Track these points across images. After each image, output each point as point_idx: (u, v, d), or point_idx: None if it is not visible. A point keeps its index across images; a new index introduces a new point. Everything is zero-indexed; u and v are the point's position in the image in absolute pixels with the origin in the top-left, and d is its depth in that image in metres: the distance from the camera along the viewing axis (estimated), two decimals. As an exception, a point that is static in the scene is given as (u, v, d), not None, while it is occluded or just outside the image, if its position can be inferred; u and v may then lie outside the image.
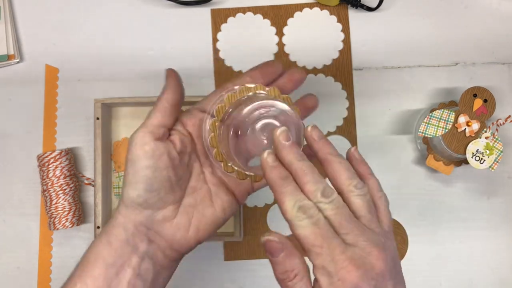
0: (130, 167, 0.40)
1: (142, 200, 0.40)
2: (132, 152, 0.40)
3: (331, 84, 0.63)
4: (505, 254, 0.61)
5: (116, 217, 0.40)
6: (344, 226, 0.34)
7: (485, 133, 0.57)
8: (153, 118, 0.41)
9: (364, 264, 0.32)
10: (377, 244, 0.33)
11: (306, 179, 0.35)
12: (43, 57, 0.63)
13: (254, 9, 0.64)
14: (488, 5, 0.64)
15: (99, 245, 0.40)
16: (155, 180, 0.39)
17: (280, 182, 0.35)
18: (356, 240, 0.33)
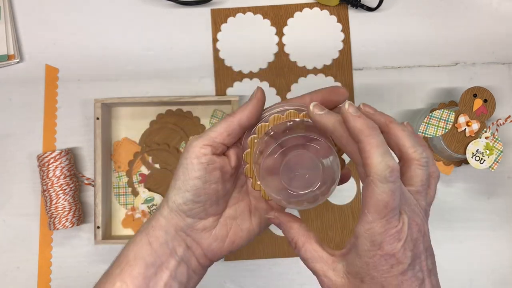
0: (182, 174, 0.39)
1: (187, 208, 0.39)
2: (187, 159, 0.39)
3: (331, 84, 0.63)
4: (505, 254, 0.61)
5: (158, 219, 0.40)
6: (415, 190, 0.34)
7: (485, 133, 0.57)
8: (217, 134, 0.39)
9: (413, 233, 0.33)
10: (418, 217, 0.34)
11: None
12: (43, 57, 0.63)
13: (254, 9, 0.64)
14: (488, 5, 0.64)
15: (139, 244, 0.40)
16: (204, 191, 0.39)
17: (368, 131, 0.33)
18: (414, 208, 0.34)
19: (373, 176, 0.31)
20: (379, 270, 0.33)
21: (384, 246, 0.32)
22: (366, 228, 0.33)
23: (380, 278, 0.33)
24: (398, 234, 0.32)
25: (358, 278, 0.34)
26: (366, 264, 0.33)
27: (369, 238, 0.33)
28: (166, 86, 0.63)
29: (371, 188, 0.32)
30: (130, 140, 0.62)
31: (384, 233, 0.32)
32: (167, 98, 0.60)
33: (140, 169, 0.62)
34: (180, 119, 0.62)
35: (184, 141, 0.62)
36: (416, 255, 0.33)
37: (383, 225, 0.32)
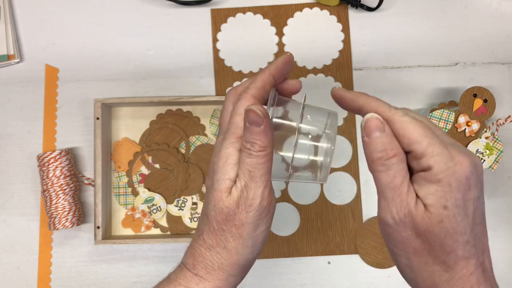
0: (249, 237, 0.37)
1: (258, 254, 0.38)
2: (256, 210, 0.37)
3: (331, 84, 0.63)
4: (505, 254, 0.61)
5: (226, 279, 0.37)
6: (437, 129, 0.34)
7: (485, 133, 0.57)
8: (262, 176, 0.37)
9: (471, 155, 0.33)
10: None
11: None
12: (43, 57, 0.63)
13: (254, 9, 0.64)
14: (488, 5, 0.64)
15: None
16: (268, 233, 0.38)
17: (368, 97, 0.36)
18: (452, 141, 0.34)
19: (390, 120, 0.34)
20: (461, 190, 0.31)
21: (462, 161, 0.31)
22: (430, 151, 0.32)
23: (461, 201, 0.31)
24: (463, 152, 0.32)
25: (440, 205, 0.31)
26: (448, 185, 0.31)
27: (440, 156, 0.32)
28: (166, 86, 0.63)
29: (396, 128, 0.33)
30: (130, 140, 0.62)
31: (453, 148, 0.32)
32: (167, 98, 0.60)
33: (140, 169, 0.62)
34: (180, 119, 0.62)
35: (184, 141, 0.62)
36: (482, 183, 0.33)
37: (444, 142, 0.32)
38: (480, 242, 0.33)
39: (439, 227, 0.31)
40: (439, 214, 0.31)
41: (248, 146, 0.36)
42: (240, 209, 0.36)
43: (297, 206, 0.61)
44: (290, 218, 0.61)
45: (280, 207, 0.61)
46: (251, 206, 0.36)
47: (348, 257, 0.61)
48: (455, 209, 0.31)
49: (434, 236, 0.32)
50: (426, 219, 0.32)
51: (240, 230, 0.36)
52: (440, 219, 0.31)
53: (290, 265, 0.61)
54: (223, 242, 0.37)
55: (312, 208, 0.61)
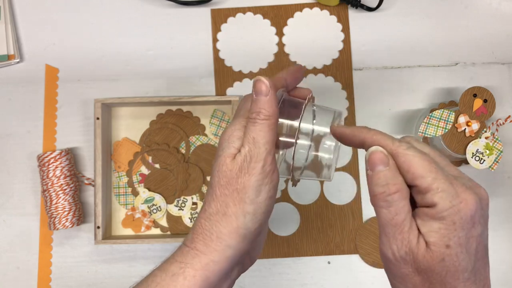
0: (255, 195, 0.37)
1: (259, 231, 0.38)
2: (259, 182, 0.37)
3: (331, 84, 0.63)
4: (505, 254, 0.61)
5: (224, 252, 0.36)
6: (441, 160, 0.34)
7: (485, 133, 0.57)
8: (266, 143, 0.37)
9: (476, 192, 0.32)
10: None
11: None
12: (43, 57, 0.63)
13: (254, 9, 0.64)
14: (488, 5, 0.64)
15: (192, 280, 0.36)
16: (272, 206, 0.38)
17: (370, 130, 0.35)
18: (457, 173, 0.34)
19: (394, 154, 0.33)
20: (465, 228, 0.31)
21: (467, 199, 0.31)
22: (435, 186, 0.32)
23: (464, 240, 0.31)
24: (468, 189, 0.32)
25: (443, 244, 0.31)
26: (452, 223, 0.31)
27: (445, 193, 0.31)
28: (166, 86, 0.63)
29: (401, 162, 0.33)
30: (130, 140, 0.62)
31: (457, 186, 0.32)
32: (167, 98, 0.60)
33: (140, 169, 0.62)
34: (180, 119, 0.62)
35: (184, 141, 0.62)
36: (487, 217, 0.33)
37: (449, 179, 0.32)
38: (481, 277, 0.32)
39: (440, 266, 0.31)
40: (441, 253, 0.31)
41: (254, 115, 0.37)
42: (242, 173, 0.36)
43: (297, 206, 0.61)
44: (290, 218, 0.61)
45: (280, 207, 0.61)
46: (254, 169, 0.36)
47: (348, 257, 0.61)
48: (457, 248, 0.31)
49: (435, 274, 0.31)
50: (428, 257, 0.31)
51: (241, 193, 0.36)
52: (442, 258, 0.31)
53: (290, 265, 0.61)
54: (224, 208, 0.37)
55: (312, 208, 0.61)
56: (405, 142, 0.34)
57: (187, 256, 0.37)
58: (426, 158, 0.33)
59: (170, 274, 0.36)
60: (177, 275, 0.36)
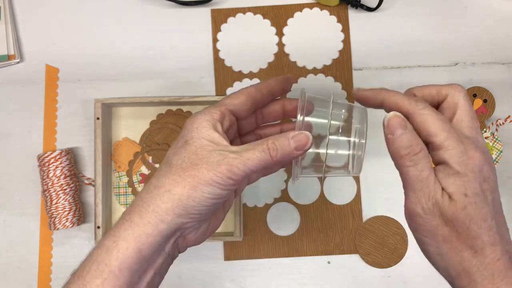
0: (208, 193, 0.37)
1: (197, 218, 0.38)
2: (220, 183, 0.37)
3: (331, 84, 0.63)
4: (505, 254, 0.61)
5: (157, 226, 0.37)
6: (466, 122, 0.37)
7: (485, 133, 0.57)
8: (252, 167, 0.38)
9: (484, 151, 0.36)
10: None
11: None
12: (43, 57, 0.63)
13: (254, 9, 0.64)
14: (488, 5, 0.64)
15: (125, 253, 0.37)
16: (218, 206, 0.40)
17: (388, 91, 0.39)
18: (475, 135, 0.37)
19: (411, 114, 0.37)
20: (477, 179, 0.35)
21: (474, 156, 0.35)
22: (446, 144, 0.35)
23: (479, 190, 0.35)
24: (478, 148, 0.36)
25: (461, 193, 0.34)
26: (465, 175, 0.35)
27: (456, 149, 0.35)
28: (166, 86, 0.63)
29: (417, 122, 0.36)
30: (130, 140, 0.62)
31: (467, 144, 0.35)
32: (167, 98, 0.60)
33: (140, 169, 0.62)
34: (180, 119, 0.62)
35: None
36: (496, 177, 0.37)
37: (459, 138, 0.35)
38: (503, 232, 0.35)
39: (464, 214, 0.34)
40: (462, 201, 0.34)
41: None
42: (209, 165, 0.37)
43: (297, 206, 0.61)
44: (290, 218, 0.61)
45: (280, 207, 0.61)
46: (219, 167, 0.37)
47: (348, 257, 0.61)
48: (475, 197, 0.34)
49: (460, 222, 0.34)
50: (452, 207, 0.34)
51: (195, 181, 0.37)
52: (463, 206, 0.34)
53: (290, 265, 0.61)
54: (171, 186, 0.37)
55: (312, 208, 0.61)
56: (421, 102, 0.37)
57: (121, 229, 0.37)
58: (440, 118, 0.36)
59: (104, 249, 0.37)
60: (111, 249, 0.37)
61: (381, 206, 0.61)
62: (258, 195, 0.61)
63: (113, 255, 0.37)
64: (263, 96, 0.43)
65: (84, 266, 0.38)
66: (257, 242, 0.61)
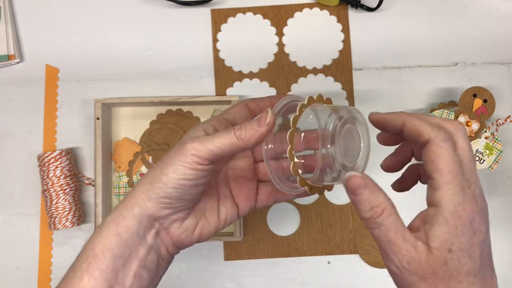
0: (173, 172, 0.39)
1: (168, 202, 0.40)
2: (183, 162, 0.39)
3: (331, 84, 0.63)
4: (505, 254, 0.61)
5: (131, 208, 0.39)
6: (466, 163, 0.34)
7: (485, 133, 0.57)
8: (221, 151, 0.39)
9: (478, 202, 0.33)
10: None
11: None
12: (43, 57, 0.63)
13: (254, 9, 0.64)
14: (488, 5, 0.64)
15: (107, 236, 0.39)
16: (190, 192, 0.40)
17: (409, 114, 0.38)
18: (474, 179, 0.34)
19: (430, 142, 0.34)
20: (466, 235, 0.32)
21: (467, 208, 0.33)
22: (446, 188, 0.33)
23: (467, 245, 0.32)
24: (475, 199, 0.33)
25: (445, 248, 0.32)
26: (454, 228, 0.32)
27: (452, 198, 0.33)
28: (166, 86, 0.63)
29: (431, 152, 0.34)
30: (130, 140, 0.62)
31: (465, 193, 0.33)
32: (167, 98, 0.60)
33: (141, 169, 0.62)
34: (180, 119, 0.62)
35: (184, 141, 0.62)
36: (488, 226, 0.34)
37: (462, 185, 0.33)
38: (487, 283, 0.34)
39: (443, 269, 0.32)
40: (444, 257, 0.32)
41: (237, 130, 0.39)
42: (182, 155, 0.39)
43: (297, 206, 0.61)
44: (290, 218, 0.61)
45: (280, 207, 0.61)
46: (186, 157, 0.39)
47: (348, 257, 0.61)
48: (459, 252, 0.32)
49: (439, 278, 0.32)
50: (431, 262, 0.32)
51: (165, 166, 0.39)
52: (444, 262, 0.32)
53: (290, 265, 0.61)
54: (150, 173, 0.40)
55: (312, 208, 0.61)
56: (444, 133, 0.34)
57: (107, 217, 0.40)
58: (453, 158, 0.33)
59: (92, 237, 0.40)
60: (97, 235, 0.40)
61: (381, 206, 0.61)
62: (258, 195, 0.61)
63: (97, 239, 0.39)
64: (260, 108, 0.46)
65: (78, 255, 0.41)
66: (257, 242, 0.61)
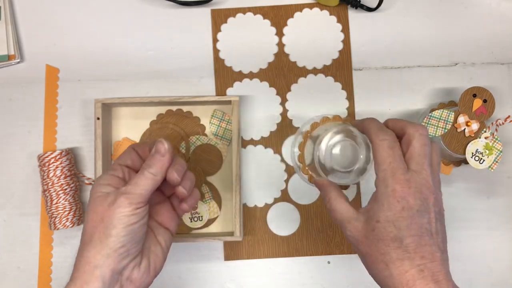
0: (118, 223, 0.42)
1: (124, 250, 0.43)
2: (121, 214, 0.43)
3: (331, 84, 0.63)
4: (505, 254, 0.61)
5: (91, 272, 0.42)
6: (415, 158, 0.43)
7: (485, 133, 0.57)
8: (147, 193, 0.45)
9: (412, 186, 0.42)
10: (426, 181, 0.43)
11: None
12: (43, 57, 0.63)
13: (254, 10, 0.64)
14: (488, 5, 0.64)
15: None
16: (138, 233, 0.44)
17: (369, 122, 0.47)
18: (419, 169, 0.43)
19: (373, 142, 0.45)
20: (392, 209, 0.41)
21: (396, 189, 0.41)
22: (380, 175, 0.43)
23: (392, 217, 0.41)
24: (408, 182, 0.42)
25: (374, 219, 0.42)
26: (382, 205, 0.42)
27: (383, 182, 0.42)
28: (166, 86, 0.63)
29: (374, 150, 0.44)
30: (131, 140, 0.62)
31: (395, 178, 0.42)
32: (167, 98, 0.60)
33: (140, 169, 0.62)
34: (180, 119, 0.62)
35: (184, 141, 0.62)
36: (425, 207, 0.42)
37: (393, 171, 0.42)
38: (419, 250, 0.41)
39: (372, 235, 0.42)
40: (372, 226, 0.42)
41: (147, 168, 0.45)
42: (112, 205, 0.43)
43: (297, 206, 0.61)
44: (290, 218, 0.61)
45: (280, 207, 0.61)
46: (122, 203, 0.44)
47: (348, 257, 0.61)
48: (385, 223, 0.41)
49: (370, 240, 0.43)
50: (363, 229, 0.43)
51: (106, 222, 0.43)
52: (372, 229, 0.42)
53: (290, 265, 0.61)
54: (90, 236, 0.43)
55: (312, 208, 0.61)
56: (383, 133, 0.44)
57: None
58: (389, 151, 0.43)
59: None
60: None
61: (381, 206, 0.61)
62: (258, 195, 0.61)
63: None
64: (144, 151, 0.51)
65: None
66: (257, 242, 0.61)
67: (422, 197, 0.42)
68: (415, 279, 0.40)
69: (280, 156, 0.62)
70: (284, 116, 0.62)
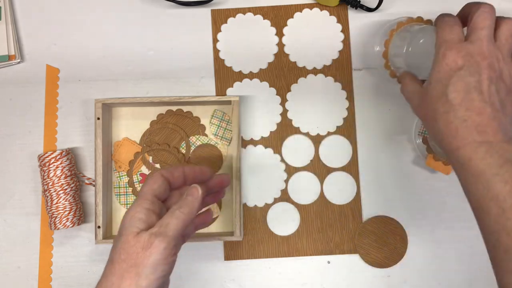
0: (145, 277, 0.41)
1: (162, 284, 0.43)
2: (158, 259, 0.42)
3: (331, 84, 0.63)
4: (505, 254, 0.61)
5: None
6: (473, 29, 0.46)
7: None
8: (178, 234, 0.44)
9: (468, 52, 0.44)
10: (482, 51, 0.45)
11: None
12: (43, 57, 0.63)
13: (254, 10, 0.64)
14: (487, 5, 0.64)
15: None
16: (170, 271, 0.44)
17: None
18: (475, 40, 0.45)
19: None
20: (441, 71, 0.44)
21: (446, 53, 0.44)
22: (436, 47, 0.46)
23: (440, 77, 0.44)
24: (460, 48, 0.44)
25: (428, 83, 0.46)
26: (433, 69, 0.45)
27: (438, 50, 0.45)
28: (166, 86, 0.63)
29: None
30: (131, 140, 0.62)
31: (448, 46, 0.45)
32: (167, 98, 0.60)
33: (141, 169, 0.62)
34: (180, 119, 0.62)
35: (184, 141, 0.62)
36: (474, 68, 0.43)
37: (447, 42, 0.45)
38: (464, 104, 0.43)
39: (426, 96, 0.46)
40: (426, 89, 0.46)
41: (180, 208, 0.45)
42: (143, 249, 0.41)
43: (297, 206, 0.62)
44: (290, 218, 0.61)
45: (280, 207, 0.61)
46: (156, 248, 0.42)
47: (348, 256, 0.61)
48: (435, 83, 0.45)
49: (425, 103, 0.46)
50: (422, 95, 0.48)
51: (138, 268, 0.41)
52: (426, 92, 0.46)
53: (290, 265, 0.61)
54: (119, 281, 0.41)
55: (312, 208, 0.62)
56: (446, 16, 0.50)
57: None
58: (445, 27, 0.47)
59: None
60: None
61: (381, 206, 0.61)
62: (258, 195, 0.62)
63: None
64: (175, 178, 0.48)
65: None
66: (257, 242, 0.61)
67: (472, 60, 0.43)
68: (458, 128, 0.42)
69: (280, 156, 0.62)
70: (284, 116, 0.63)
